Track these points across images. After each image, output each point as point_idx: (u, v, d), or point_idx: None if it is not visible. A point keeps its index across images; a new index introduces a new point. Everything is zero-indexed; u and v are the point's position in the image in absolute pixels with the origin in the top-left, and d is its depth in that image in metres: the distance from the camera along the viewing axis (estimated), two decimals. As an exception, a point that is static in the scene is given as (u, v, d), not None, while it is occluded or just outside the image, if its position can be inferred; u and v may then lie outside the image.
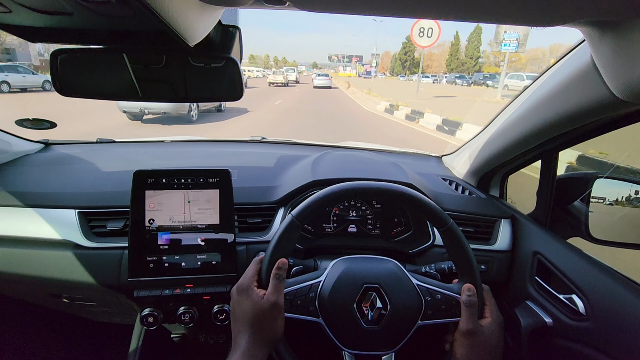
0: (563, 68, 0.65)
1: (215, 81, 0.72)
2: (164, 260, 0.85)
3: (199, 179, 0.87)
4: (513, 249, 0.97)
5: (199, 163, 1.23)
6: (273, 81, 28.47)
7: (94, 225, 0.92)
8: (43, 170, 1.11)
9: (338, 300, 0.65)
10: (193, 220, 0.87)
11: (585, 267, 0.75)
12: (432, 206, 0.67)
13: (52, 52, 0.58)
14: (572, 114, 0.64)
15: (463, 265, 0.68)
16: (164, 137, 1.51)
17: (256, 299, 0.61)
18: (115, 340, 1.29)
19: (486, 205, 1.04)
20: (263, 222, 0.97)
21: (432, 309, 0.66)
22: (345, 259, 0.71)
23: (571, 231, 0.93)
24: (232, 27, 0.66)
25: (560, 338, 0.78)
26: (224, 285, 0.88)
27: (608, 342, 0.67)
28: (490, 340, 0.63)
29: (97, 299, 1.02)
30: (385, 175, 1.04)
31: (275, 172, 1.13)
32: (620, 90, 0.50)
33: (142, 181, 0.85)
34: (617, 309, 0.66)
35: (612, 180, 0.86)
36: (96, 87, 0.70)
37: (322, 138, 5.41)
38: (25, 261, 0.90)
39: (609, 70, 0.50)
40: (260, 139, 1.55)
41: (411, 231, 1.04)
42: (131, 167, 0.88)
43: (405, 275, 0.68)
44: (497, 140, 0.95)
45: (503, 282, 0.97)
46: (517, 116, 0.83)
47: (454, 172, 1.27)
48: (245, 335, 0.60)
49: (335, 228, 1.06)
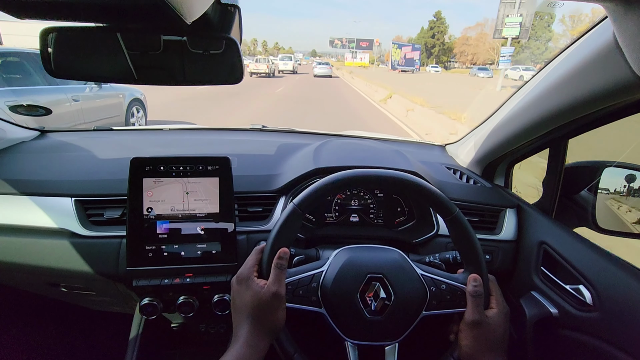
0: (581, 48, 0.62)
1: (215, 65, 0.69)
2: (163, 250, 0.83)
3: (198, 166, 0.85)
4: (518, 238, 0.96)
5: (198, 151, 1.21)
6: (255, 70, 23.78)
7: (91, 213, 0.90)
8: (39, 157, 1.09)
9: (341, 290, 0.63)
10: (192, 209, 0.85)
11: (593, 257, 0.74)
12: (438, 194, 0.65)
13: (42, 30, 0.55)
14: (590, 97, 0.62)
15: (469, 255, 0.66)
16: (163, 124, 1.48)
17: (256, 289, 0.60)
18: (115, 330, 1.28)
19: (491, 195, 1.02)
20: (264, 211, 0.95)
21: (437, 299, 0.65)
22: (348, 249, 0.69)
23: (577, 221, 0.92)
24: (232, 6, 0.62)
25: (566, 329, 0.77)
26: (224, 275, 0.87)
27: (616, 333, 0.66)
28: (496, 331, 0.62)
29: (96, 288, 1.01)
30: (388, 163, 1.02)
31: (276, 160, 1.11)
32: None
33: (140, 169, 0.83)
34: (626, 300, 0.65)
35: (622, 170, 0.84)
36: (89, 68, 0.67)
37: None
38: (22, 250, 0.88)
39: (633, 49, 0.47)
40: (261, 127, 1.52)
41: (414, 220, 1.03)
42: (129, 155, 0.86)
43: (409, 265, 0.67)
44: (504, 128, 0.92)
45: (508, 272, 0.96)
46: (527, 102, 0.80)
47: (458, 161, 1.25)
48: (246, 325, 0.59)
49: (337, 217, 1.04)
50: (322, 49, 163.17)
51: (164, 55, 0.66)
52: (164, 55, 0.66)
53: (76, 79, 0.63)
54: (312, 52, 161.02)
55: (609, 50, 0.53)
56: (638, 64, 0.48)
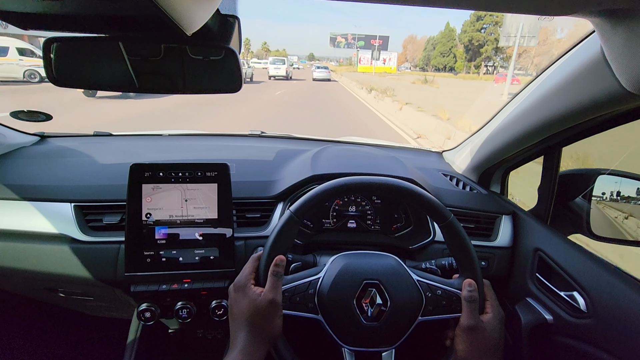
0: (570, 61, 0.63)
1: (214, 73, 0.70)
2: (161, 255, 0.84)
3: (197, 172, 0.86)
4: (514, 245, 0.97)
5: (197, 156, 1.21)
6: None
7: (90, 219, 0.90)
8: (38, 163, 1.10)
9: (337, 296, 0.64)
10: (191, 215, 0.86)
11: (587, 264, 0.74)
12: (433, 201, 0.66)
13: (45, 40, 0.56)
14: (580, 107, 0.63)
15: (464, 261, 0.67)
16: (162, 130, 1.49)
17: (253, 296, 0.60)
18: (113, 335, 1.28)
19: (487, 201, 1.03)
20: (262, 217, 0.96)
21: (433, 304, 0.65)
22: (344, 255, 0.70)
23: (572, 228, 0.93)
24: (231, 17, 0.64)
25: (561, 335, 0.77)
26: (222, 281, 0.88)
27: (609, 340, 0.67)
28: (491, 335, 0.62)
29: (94, 294, 1.01)
30: (385, 170, 1.03)
31: (274, 166, 1.12)
32: (630, 83, 0.49)
33: (139, 174, 0.84)
34: (619, 306, 0.65)
35: (615, 177, 0.86)
36: (91, 77, 0.68)
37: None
38: (20, 255, 0.88)
39: (620, 62, 0.48)
40: (260, 134, 1.54)
41: (411, 227, 1.03)
42: (128, 160, 0.86)
43: (405, 271, 0.67)
44: (500, 136, 0.94)
45: (503, 278, 0.97)
46: (521, 111, 0.81)
47: (454, 168, 1.26)
48: (243, 333, 0.59)
49: (334, 223, 1.05)
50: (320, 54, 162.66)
51: (164, 61, 0.67)
52: (164, 61, 0.67)
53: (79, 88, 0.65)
54: (310, 55, 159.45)
55: (597, 62, 0.54)
56: (625, 77, 0.49)
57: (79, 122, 6.57)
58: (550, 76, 0.70)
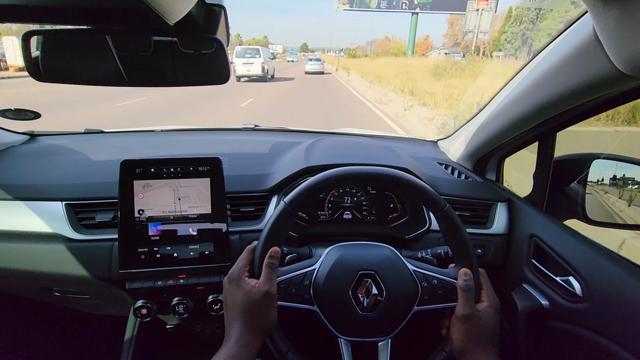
0: (563, 43, 0.62)
1: (204, 66, 0.69)
2: (156, 251, 0.83)
3: (189, 167, 0.85)
4: (509, 232, 0.97)
5: (190, 151, 1.20)
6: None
7: (82, 217, 0.89)
8: (28, 161, 1.08)
9: (333, 287, 0.64)
10: (184, 210, 0.85)
11: (582, 249, 0.75)
12: (428, 190, 0.66)
13: (24, 33, 0.55)
14: (573, 91, 0.62)
15: (459, 250, 0.67)
16: (154, 126, 1.47)
17: (247, 288, 0.60)
18: (110, 332, 1.28)
19: (482, 189, 1.03)
20: (256, 211, 0.95)
21: (429, 294, 0.65)
22: (340, 246, 0.70)
23: (567, 213, 0.93)
24: (217, 6, 0.62)
25: (557, 320, 0.78)
26: (218, 275, 0.87)
27: (604, 323, 0.67)
28: (487, 324, 0.62)
29: (89, 292, 1.01)
30: (380, 160, 1.02)
31: (268, 159, 1.11)
32: (624, 63, 0.48)
33: (130, 171, 0.82)
34: (614, 290, 0.66)
35: (610, 161, 0.85)
36: (80, 72, 0.67)
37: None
38: (13, 255, 0.87)
39: (613, 42, 0.48)
40: (253, 127, 1.52)
41: (407, 217, 1.03)
42: (119, 157, 0.85)
43: (401, 261, 0.67)
44: (493, 123, 0.93)
45: (499, 265, 0.97)
46: (514, 97, 0.80)
47: (449, 156, 1.26)
48: (237, 325, 0.59)
49: (330, 215, 1.04)
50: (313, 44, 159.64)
51: (154, 56, 0.65)
52: (154, 56, 0.65)
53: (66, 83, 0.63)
54: (303, 45, 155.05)
55: (590, 44, 0.53)
56: (618, 58, 0.48)
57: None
58: (543, 59, 0.69)
